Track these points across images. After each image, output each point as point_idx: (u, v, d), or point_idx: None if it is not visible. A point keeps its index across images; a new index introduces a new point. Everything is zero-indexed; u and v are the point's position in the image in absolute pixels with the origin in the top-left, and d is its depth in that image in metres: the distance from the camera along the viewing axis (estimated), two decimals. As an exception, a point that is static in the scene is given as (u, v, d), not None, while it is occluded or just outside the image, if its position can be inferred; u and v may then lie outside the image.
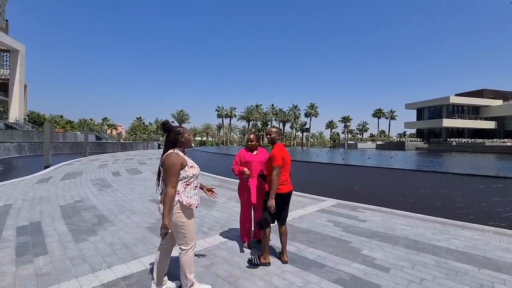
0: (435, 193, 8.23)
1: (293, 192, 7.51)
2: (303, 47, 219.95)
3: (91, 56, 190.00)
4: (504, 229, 4.27)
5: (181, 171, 2.28)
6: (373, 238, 3.80)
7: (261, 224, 2.86)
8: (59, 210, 5.08)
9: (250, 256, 2.95)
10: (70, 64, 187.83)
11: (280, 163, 2.86)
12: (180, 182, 2.29)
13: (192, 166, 2.36)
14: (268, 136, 3.10)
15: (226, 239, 3.68)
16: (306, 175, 13.20)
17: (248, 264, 2.89)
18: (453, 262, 3.06)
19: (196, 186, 2.40)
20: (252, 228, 3.51)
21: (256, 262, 2.85)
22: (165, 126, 2.42)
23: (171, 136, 2.38)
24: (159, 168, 2.41)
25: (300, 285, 2.52)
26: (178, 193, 2.28)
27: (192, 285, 2.33)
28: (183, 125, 73.30)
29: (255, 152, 3.48)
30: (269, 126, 76.11)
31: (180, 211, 2.27)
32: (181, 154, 2.36)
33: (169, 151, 2.33)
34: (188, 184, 2.33)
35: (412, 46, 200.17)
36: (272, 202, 2.80)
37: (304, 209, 5.41)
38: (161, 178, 2.39)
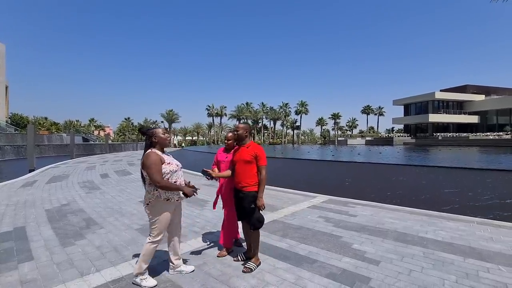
0: (422, 186, 8.45)
1: (285, 189, 7.54)
2: (293, 45, 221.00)
3: (76, 56, 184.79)
4: (488, 220, 4.43)
5: None
6: (363, 232, 3.87)
7: (254, 225, 2.77)
8: (44, 214, 4.93)
9: (249, 264, 2.78)
10: (54, 65, 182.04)
11: (266, 162, 2.82)
12: None
13: (169, 163, 2.51)
14: (235, 132, 2.94)
15: (218, 239, 3.65)
16: (297, 172, 13.29)
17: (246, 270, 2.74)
18: (440, 252, 3.14)
19: (174, 182, 2.52)
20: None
21: (254, 268, 2.77)
22: (141, 131, 2.61)
23: (146, 138, 2.56)
24: (141, 170, 2.55)
25: (292, 281, 2.54)
26: (156, 189, 2.44)
27: (140, 274, 2.45)
28: (173, 124, 72.93)
29: (230, 152, 3.22)
30: (259, 124, 76.30)
31: (157, 206, 2.44)
32: (159, 152, 2.51)
33: (147, 152, 2.49)
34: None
35: (400, 42, 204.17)
36: (262, 201, 2.75)
37: (296, 205, 5.45)
38: (146, 179, 2.51)
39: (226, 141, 3.26)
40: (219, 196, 3.29)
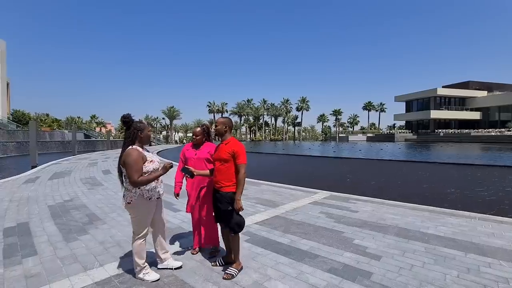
0: (423, 182, 8.45)
1: (286, 185, 7.53)
2: (294, 41, 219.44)
3: (77, 53, 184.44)
4: (489, 215, 4.43)
5: None
6: (365, 227, 3.88)
7: (233, 229, 2.58)
8: (47, 210, 4.96)
9: (230, 270, 2.58)
10: (55, 61, 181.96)
11: (246, 160, 2.60)
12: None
13: (151, 161, 2.44)
14: (214, 127, 2.73)
15: (219, 234, 3.67)
16: (298, 168, 13.30)
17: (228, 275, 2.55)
18: (442, 248, 3.15)
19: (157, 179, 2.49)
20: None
21: (236, 274, 2.56)
22: (125, 120, 2.44)
23: (131, 131, 2.42)
24: (119, 166, 2.44)
25: (294, 275, 2.55)
26: (139, 188, 2.38)
27: (141, 270, 2.49)
28: (174, 121, 72.98)
29: (199, 148, 3.04)
30: (260, 121, 76.21)
31: (139, 204, 2.41)
32: (140, 149, 2.42)
33: (128, 148, 2.38)
34: None
35: (401, 39, 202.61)
36: (240, 204, 2.53)
37: (297, 201, 5.46)
38: (123, 177, 2.43)
39: (194, 136, 3.05)
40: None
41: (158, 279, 2.48)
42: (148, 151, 2.58)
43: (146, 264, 2.53)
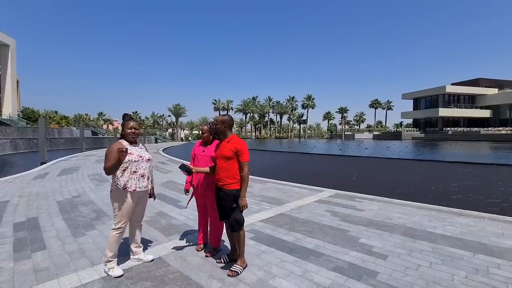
0: (431, 181, 8.32)
1: (291, 183, 7.52)
2: (300, 40, 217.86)
3: (84, 51, 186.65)
4: (498, 215, 4.34)
5: None
6: (371, 226, 3.84)
7: (232, 226, 2.60)
8: (56, 206, 5.05)
9: (235, 267, 2.58)
10: (63, 60, 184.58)
11: (248, 158, 2.61)
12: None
13: (130, 153, 2.58)
14: (215, 125, 2.77)
15: (225, 232, 3.68)
16: (303, 166, 13.24)
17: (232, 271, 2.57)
18: (449, 248, 3.10)
19: (134, 171, 2.60)
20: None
21: (241, 271, 2.57)
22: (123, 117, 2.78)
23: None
24: None
25: (299, 273, 2.55)
26: (116, 177, 2.56)
27: (107, 262, 2.54)
28: (180, 118, 73.32)
29: (208, 145, 3.06)
30: (266, 118, 76.03)
31: (117, 194, 2.55)
32: (125, 143, 2.64)
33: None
34: (124, 169, 2.56)
35: (409, 37, 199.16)
36: (245, 201, 2.56)
37: (302, 199, 5.44)
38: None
39: (201, 134, 3.07)
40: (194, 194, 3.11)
41: (122, 275, 2.49)
42: (141, 147, 2.80)
43: (113, 258, 2.55)
